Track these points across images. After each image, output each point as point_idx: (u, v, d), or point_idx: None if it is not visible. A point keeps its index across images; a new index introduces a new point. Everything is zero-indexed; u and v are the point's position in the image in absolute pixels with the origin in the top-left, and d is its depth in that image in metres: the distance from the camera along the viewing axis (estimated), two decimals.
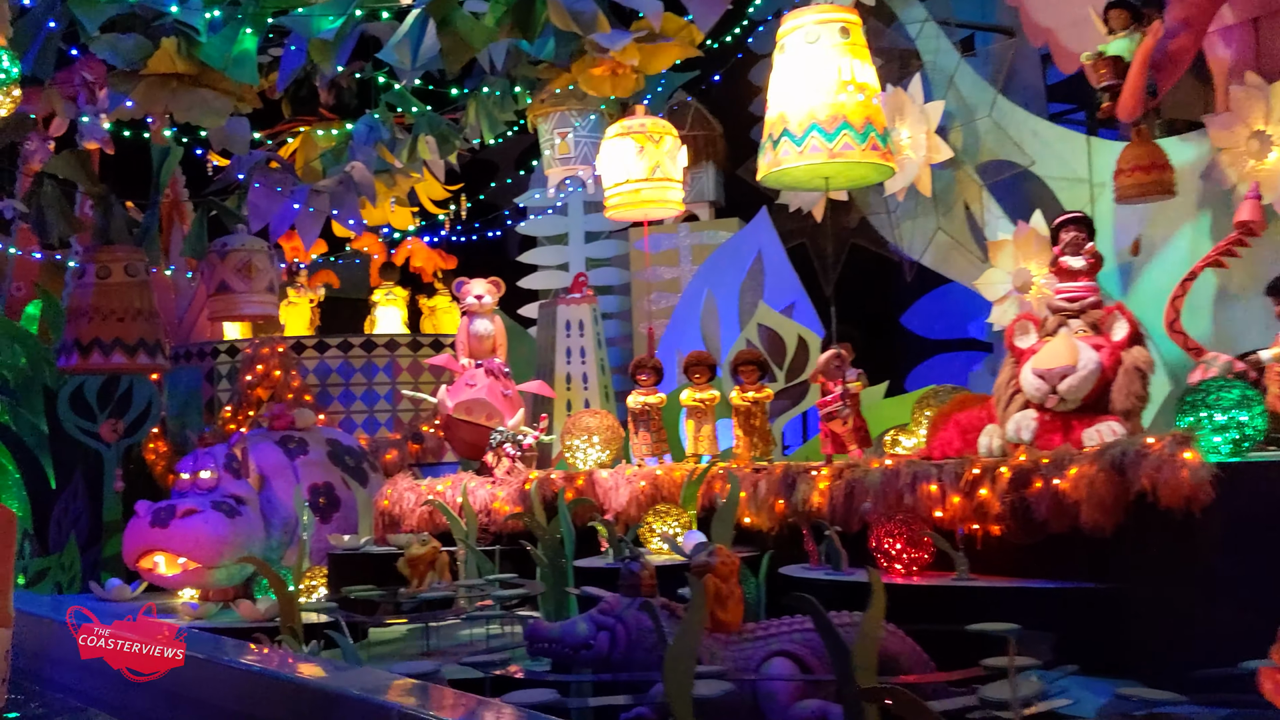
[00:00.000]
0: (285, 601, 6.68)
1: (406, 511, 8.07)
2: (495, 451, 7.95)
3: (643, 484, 7.34)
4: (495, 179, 15.46)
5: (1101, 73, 6.73)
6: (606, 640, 4.40)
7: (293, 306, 11.70)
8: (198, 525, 7.83)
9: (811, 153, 6.13)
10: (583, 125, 12.49)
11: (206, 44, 6.62)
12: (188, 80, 6.80)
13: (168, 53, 6.58)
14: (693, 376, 7.98)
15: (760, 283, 10.01)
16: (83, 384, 10.97)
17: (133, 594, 8.86)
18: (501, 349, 8.75)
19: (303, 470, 8.79)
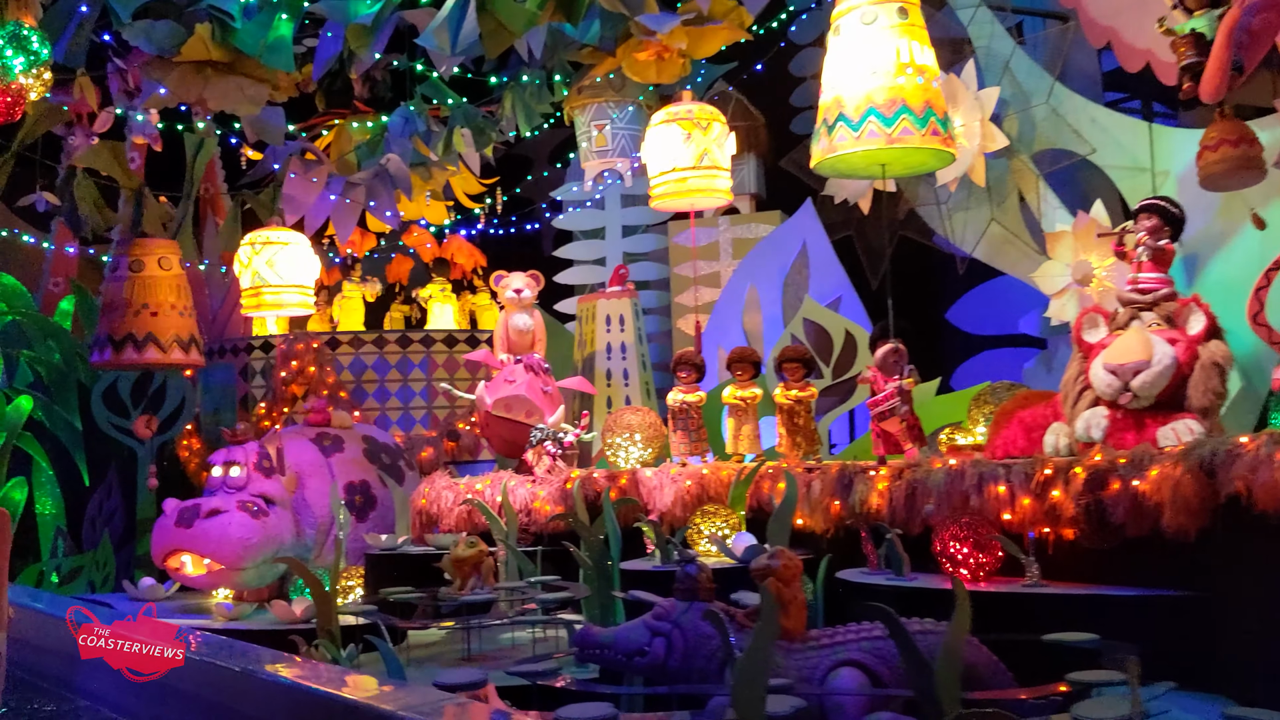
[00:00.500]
0: (322, 603, 6.48)
1: (444, 511, 7.86)
2: (535, 449, 7.73)
3: (688, 484, 7.11)
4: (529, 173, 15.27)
5: (1182, 51, 6.39)
6: (663, 647, 4.16)
7: (348, 301, 11.53)
8: (222, 526, 7.64)
9: (869, 138, 5.87)
10: (620, 117, 12.27)
11: (241, 30, 6.44)
12: (222, 68, 6.62)
13: (202, 39, 6.40)
14: (736, 373, 7.73)
15: (805, 276, 9.74)
16: (116, 380, 10.88)
17: (166, 593, 8.70)
18: (541, 344, 8.53)
19: (338, 468, 8.59)
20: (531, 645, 6.01)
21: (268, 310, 7.81)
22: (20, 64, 4.81)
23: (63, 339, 11.55)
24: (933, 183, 8.89)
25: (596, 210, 12.52)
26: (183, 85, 6.49)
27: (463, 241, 12.83)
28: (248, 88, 6.66)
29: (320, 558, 8.37)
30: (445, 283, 11.86)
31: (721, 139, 7.31)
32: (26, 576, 10.34)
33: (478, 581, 6.05)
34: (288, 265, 7.70)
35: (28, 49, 4.82)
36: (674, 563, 6.22)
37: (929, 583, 5.22)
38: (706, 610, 4.03)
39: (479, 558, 6.03)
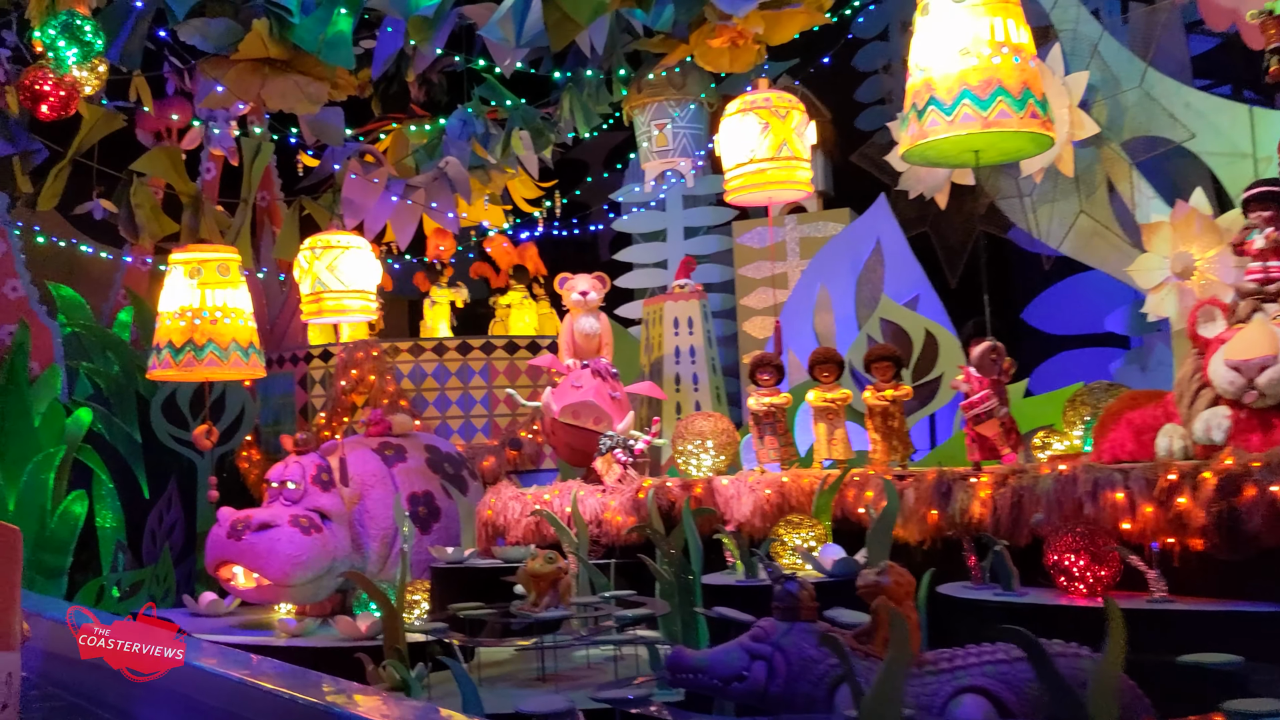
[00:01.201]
0: (389, 620, 6.21)
1: (511, 522, 7.58)
2: (605, 458, 7.43)
3: (768, 492, 6.76)
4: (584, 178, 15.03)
5: (1271, 33, 6.00)
6: (763, 671, 3.82)
7: (436, 306, 11.31)
8: (270, 541, 7.45)
9: (963, 122, 5.48)
10: (681, 116, 11.98)
11: (299, 25, 6.21)
12: (280, 65, 6.40)
13: (259, 35, 6.18)
14: (820, 375, 7.38)
15: (880, 275, 9.36)
16: (175, 391, 10.74)
17: (227, 608, 8.51)
18: (608, 348, 8.23)
19: (401, 478, 8.36)
20: (614, 667, 5.70)
21: (329, 316, 7.59)
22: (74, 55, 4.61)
23: (122, 351, 11.44)
24: (1015, 174, 8.48)
25: (657, 212, 12.21)
26: (240, 84, 6.28)
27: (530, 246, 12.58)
28: (306, 86, 6.44)
29: (384, 571, 8.14)
30: (524, 289, 11.59)
31: (801, 128, 6.97)
32: (87, 591, 10.22)
33: (553, 598, 5.74)
34: (349, 270, 7.47)
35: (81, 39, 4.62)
36: (758, 577, 5.90)
37: (1042, 598, 4.84)
38: (823, 635, 3.68)
39: (557, 575, 5.72)
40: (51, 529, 10.49)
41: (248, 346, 7.87)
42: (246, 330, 7.93)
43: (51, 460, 10.51)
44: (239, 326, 7.86)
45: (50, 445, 10.57)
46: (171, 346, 7.77)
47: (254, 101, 6.60)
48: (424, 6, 6.26)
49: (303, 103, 6.51)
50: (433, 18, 6.33)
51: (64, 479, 10.73)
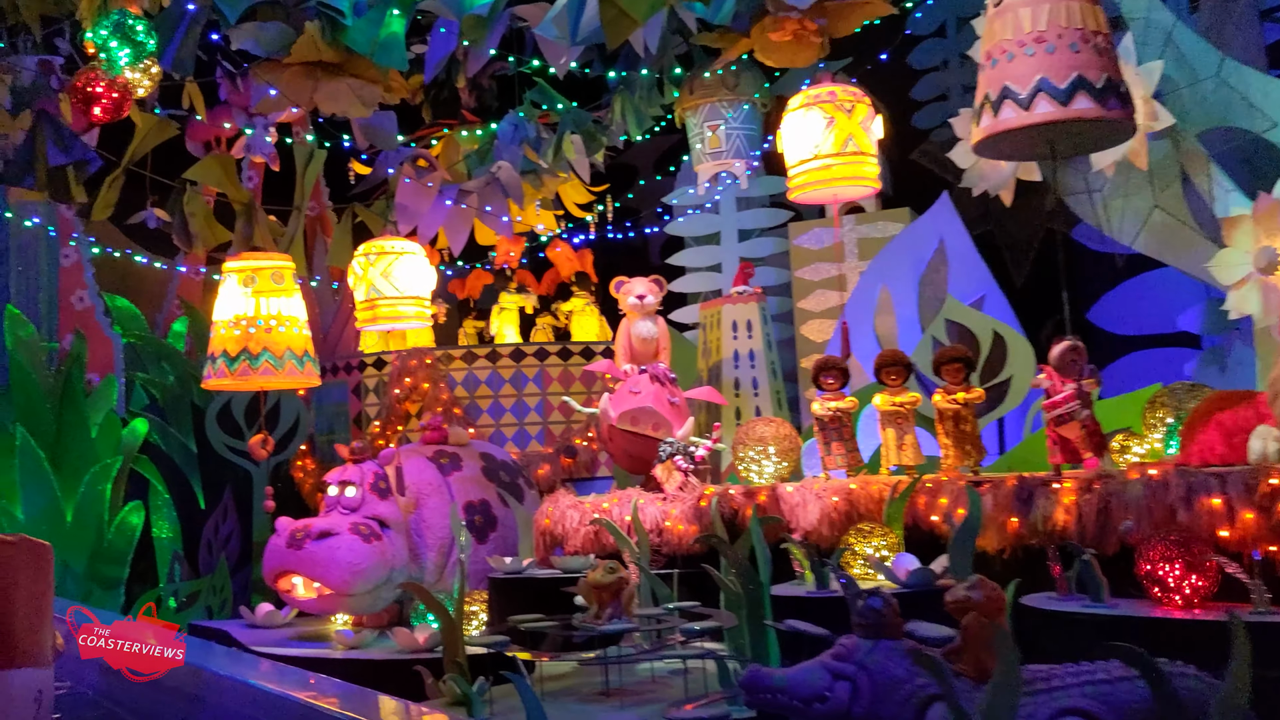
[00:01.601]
0: (448, 632, 6.08)
1: (570, 531, 7.40)
2: (665, 465, 7.24)
3: (835, 499, 6.54)
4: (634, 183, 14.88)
5: None
6: (846, 692, 3.62)
7: (505, 313, 11.20)
8: (331, 549, 7.32)
9: (1040, 112, 5.26)
10: (735, 117, 11.80)
11: (352, 28, 6.11)
12: (332, 69, 6.30)
13: (312, 38, 6.09)
14: (886, 378, 7.15)
15: (943, 275, 9.10)
16: (230, 401, 10.71)
17: (283, 619, 8.43)
18: (665, 353, 8.05)
19: (457, 487, 8.23)
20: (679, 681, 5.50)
21: (383, 323, 7.48)
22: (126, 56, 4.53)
23: (176, 361, 11.44)
24: (1083, 170, 8.21)
25: (711, 215, 12.02)
26: (293, 88, 6.19)
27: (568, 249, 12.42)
28: (359, 89, 6.34)
29: (440, 581, 8.01)
30: (589, 296, 11.45)
31: (867, 122, 6.75)
32: (144, 602, 10.18)
33: (616, 609, 5.56)
34: (404, 276, 7.36)
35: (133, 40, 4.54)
36: (829, 588, 5.68)
37: (1135, 610, 4.59)
38: (916, 654, 3.47)
39: (619, 584, 5.54)
40: (109, 540, 10.49)
41: (303, 355, 7.78)
42: (301, 338, 7.85)
43: (108, 471, 10.51)
44: (294, 335, 7.78)
45: (107, 456, 10.58)
46: (226, 355, 7.70)
47: (307, 106, 6.51)
48: (478, 5, 6.14)
49: (355, 106, 6.41)
50: (487, 16, 6.20)
51: (121, 490, 10.73)
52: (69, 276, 11.08)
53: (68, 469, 10.38)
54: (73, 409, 10.51)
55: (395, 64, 6.22)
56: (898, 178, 10.94)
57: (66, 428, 10.47)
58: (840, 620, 5.14)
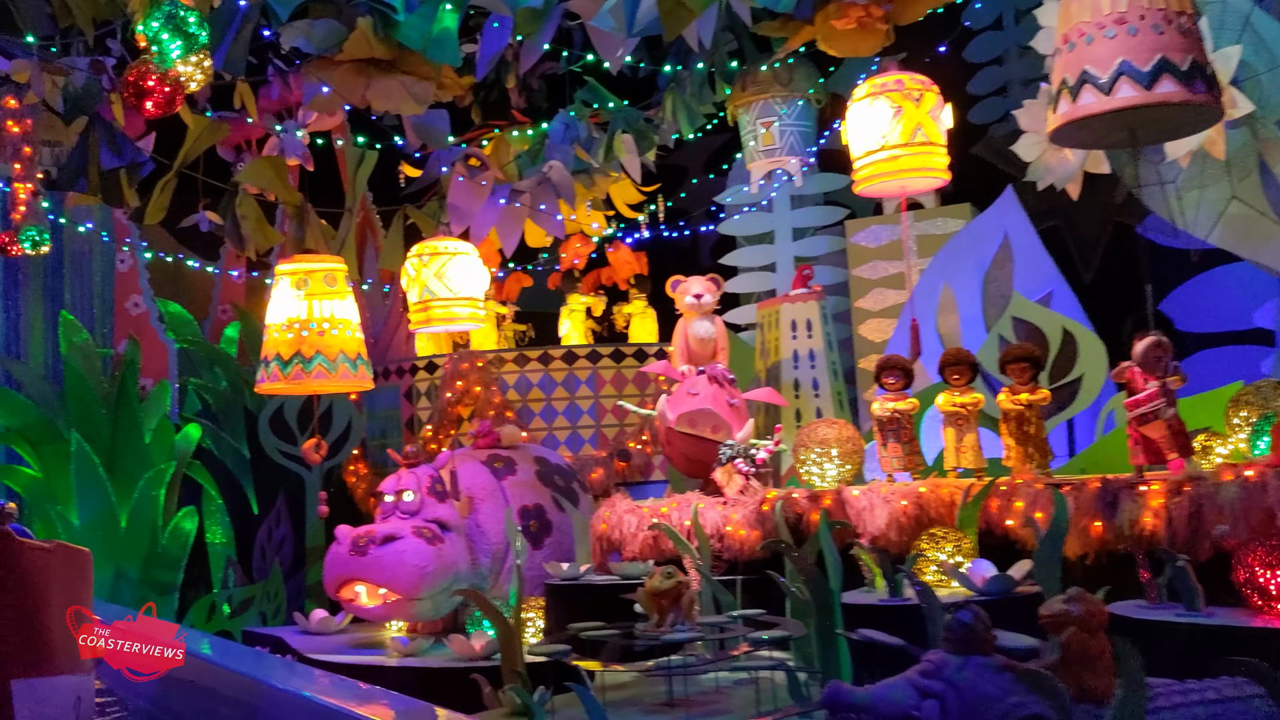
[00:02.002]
0: (506, 640, 5.92)
1: (627, 536, 7.23)
2: (725, 468, 7.05)
3: (904, 503, 6.32)
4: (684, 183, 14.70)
5: None
6: (935, 711, 3.40)
7: (574, 314, 11.06)
8: (398, 553, 7.19)
9: (1122, 97, 5.01)
10: (789, 113, 11.58)
11: (404, 23, 6.00)
12: (384, 66, 6.19)
13: (364, 34, 5.98)
14: (951, 378, 6.92)
15: (1009, 271, 8.83)
16: (282, 406, 10.66)
17: (338, 625, 8.33)
18: (724, 353, 7.86)
19: (511, 492, 8.08)
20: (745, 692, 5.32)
21: (437, 325, 7.34)
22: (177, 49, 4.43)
23: (229, 366, 11.44)
24: (1156, 160, 7.92)
25: (764, 213, 11.80)
26: (345, 85, 6.09)
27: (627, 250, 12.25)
28: (412, 86, 6.22)
29: (496, 587, 7.88)
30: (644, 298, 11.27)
31: (936, 111, 6.53)
32: (198, 608, 10.18)
33: (678, 616, 5.38)
34: (458, 277, 7.23)
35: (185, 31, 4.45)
36: (902, 596, 5.47)
37: (1233, 619, 4.33)
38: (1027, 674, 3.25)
39: (679, 590, 5.36)
40: (163, 545, 10.49)
41: (355, 358, 7.68)
42: (354, 341, 7.75)
43: (162, 477, 10.51)
44: (346, 338, 7.67)
45: (161, 462, 10.58)
46: (279, 359, 7.61)
47: (359, 103, 6.40)
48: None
49: (408, 103, 6.29)
50: (541, 9, 6.06)
51: (174, 495, 10.74)
52: (124, 282, 11.10)
53: (122, 475, 10.39)
54: (127, 415, 10.53)
55: (448, 59, 6.10)
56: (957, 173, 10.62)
57: (121, 433, 10.49)
58: (915, 629, 4.93)
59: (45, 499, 10.30)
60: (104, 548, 10.19)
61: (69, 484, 10.21)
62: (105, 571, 10.21)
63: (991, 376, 8.03)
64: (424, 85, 6.27)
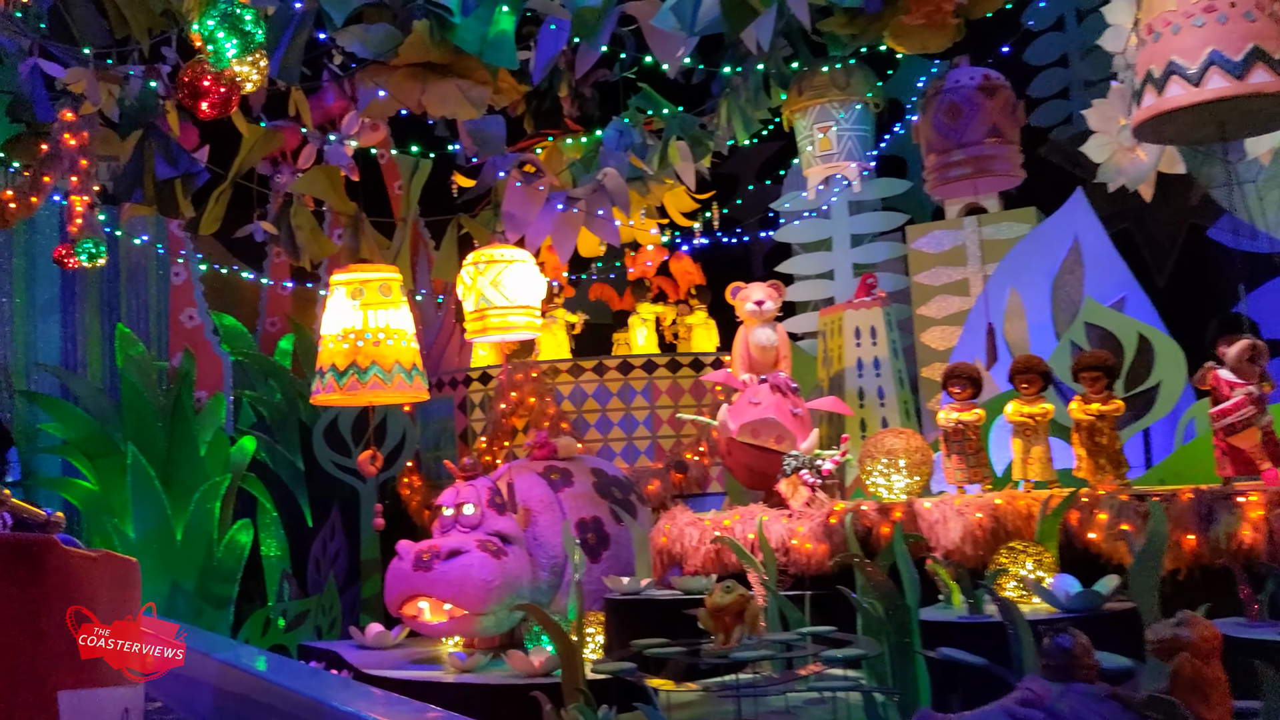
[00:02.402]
0: (568, 656, 5.75)
1: (689, 549, 7.05)
2: (789, 480, 6.85)
3: (979, 516, 6.10)
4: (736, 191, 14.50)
5: None
6: None
7: (645, 324, 10.90)
8: (464, 568, 7.05)
9: (1213, 88, 4.77)
10: (846, 118, 11.31)
11: (460, 26, 5.88)
12: (440, 70, 6.08)
13: (420, 38, 5.87)
14: (1020, 387, 6.69)
15: (1079, 276, 8.54)
16: (337, 418, 10.59)
17: (394, 640, 8.22)
18: (786, 361, 7.66)
19: (568, 504, 7.93)
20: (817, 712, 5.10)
21: (493, 335, 7.20)
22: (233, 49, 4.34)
23: (283, 378, 11.41)
24: (1233, 160, 7.64)
25: (821, 220, 11.58)
26: (401, 90, 5.98)
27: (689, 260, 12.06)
28: (469, 90, 6.10)
29: (554, 602, 7.72)
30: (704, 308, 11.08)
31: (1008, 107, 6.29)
32: (253, 622, 10.11)
33: (744, 633, 5.18)
34: (514, 285, 7.10)
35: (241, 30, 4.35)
36: (983, 613, 5.24)
37: None
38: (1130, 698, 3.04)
39: (740, 604, 5.15)
40: (218, 558, 10.45)
41: (411, 368, 7.57)
42: (409, 352, 7.64)
43: (217, 489, 10.48)
44: (402, 348, 7.57)
45: (216, 474, 10.55)
46: (335, 370, 7.52)
47: (415, 108, 6.29)
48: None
49: (464, 107, 6.17)
50: (600, 7, 5.91)
51: (229, 508, 10.70)
52: (179, 295, 11.11)
53: (178, 487, 10.37)
54: (183, 427, 10.51)
55: (505, 63, 5.98)
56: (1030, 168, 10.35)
57: (176, 446, 10.48)
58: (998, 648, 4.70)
59: (101, 512, 10.30)
60: (159, 561, 10.18)
61: (125, 497, 10.21)
62: (160, 585, 10.18)
63: (1062, 384, 7.77)
64: (480, 89, 6.15)
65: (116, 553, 4.23)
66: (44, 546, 3.96)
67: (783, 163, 13.54)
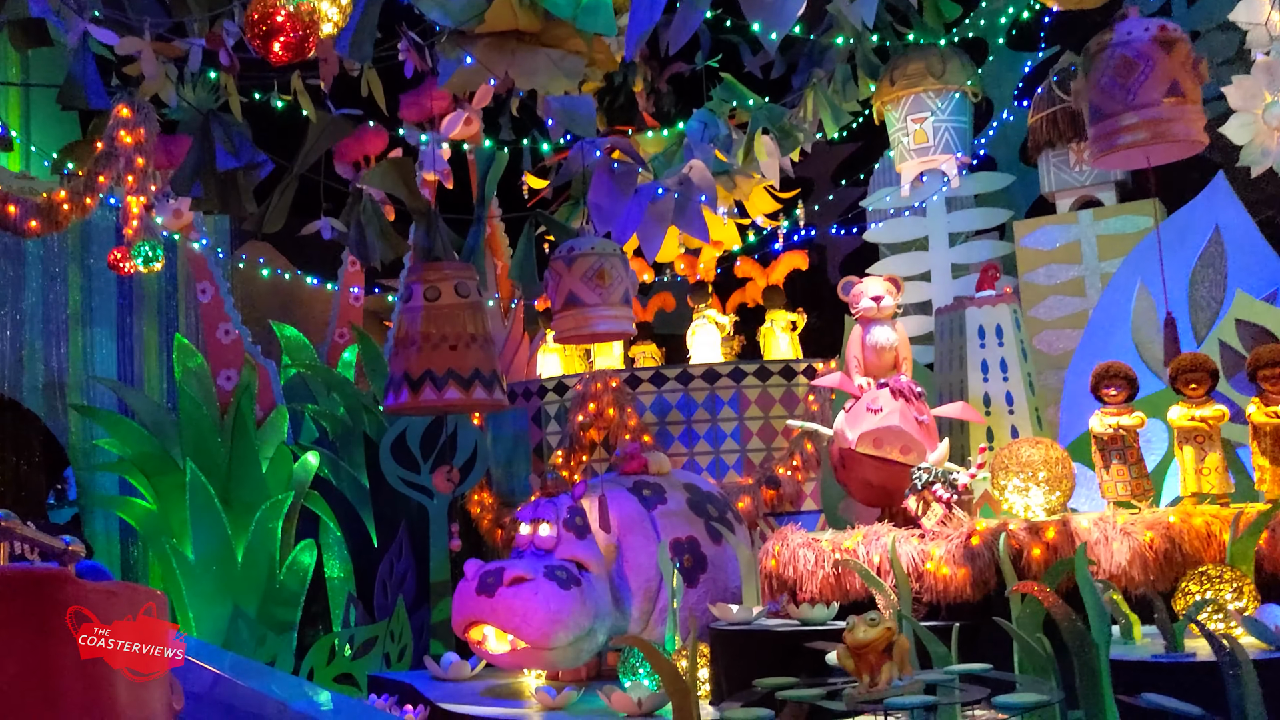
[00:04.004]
0: (680, 698, 5.05)
1: (804, 574, 6.32)
2: (920, 495, 6.11)
3: (1150, 535, 5.32)
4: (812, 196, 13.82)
5: None
6: None
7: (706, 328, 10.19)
8: (526, 597, 6.40)
9: None
10: (944, 108, 10.58)
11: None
12: (529, 39, 5.45)
13: (508, 3, 5.25)
14: (1186, 388, 5.91)
15: (1221, 270, 7.74)
16: (405, 431, 9.98)
17: (472, 672, 7.55)
18: (907, 363, 6.92)
19: (661, 523, 7.24)
20: None
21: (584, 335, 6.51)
22: None
23: (347, 391, 10.80)
24: None
25: (916, 218, 10.84)
26: (488, 59, 5.36)
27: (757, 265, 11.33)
28: (561, 60, 5.47)
29: (646, 631, 7.03)
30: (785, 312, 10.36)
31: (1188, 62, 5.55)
32: (319, 649, 9.49)
33: (892, 672, 4.44)
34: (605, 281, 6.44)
35: None
36: (1181, 651, 4.47)
37: None
38: None
39: (887, 639, 4.43)
40: (281, 581, 9.87)
41: (490, 375, 6.92)
42: (488, 357, 7.00)
43: (280, 508, 9.91)
44: (480, 354, 6.93)
45: (278, 492, 9.99)
46: (409, 377, 6.89)
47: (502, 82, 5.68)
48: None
49: (557, 79, 5.54)
50: None
51: (292, 527, 10.12)
52: (210, 312, 10.53)
53: (239, 506, 9.81)
54: (244, 442, 9.97)
55: (602, 29, 5.34)
56: None
57: (237, 463, 9.93)
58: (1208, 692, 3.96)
59: (160, 532, 9.76)
60: (220, 583, 9.61)
61: (184, 516, 9.66)
62: (222, 609, 9.61)
63: None
64: (574, 59, 5.51)
65: (137, 584, 3.81)
66: (58, 581, 3.57)
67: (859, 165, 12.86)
